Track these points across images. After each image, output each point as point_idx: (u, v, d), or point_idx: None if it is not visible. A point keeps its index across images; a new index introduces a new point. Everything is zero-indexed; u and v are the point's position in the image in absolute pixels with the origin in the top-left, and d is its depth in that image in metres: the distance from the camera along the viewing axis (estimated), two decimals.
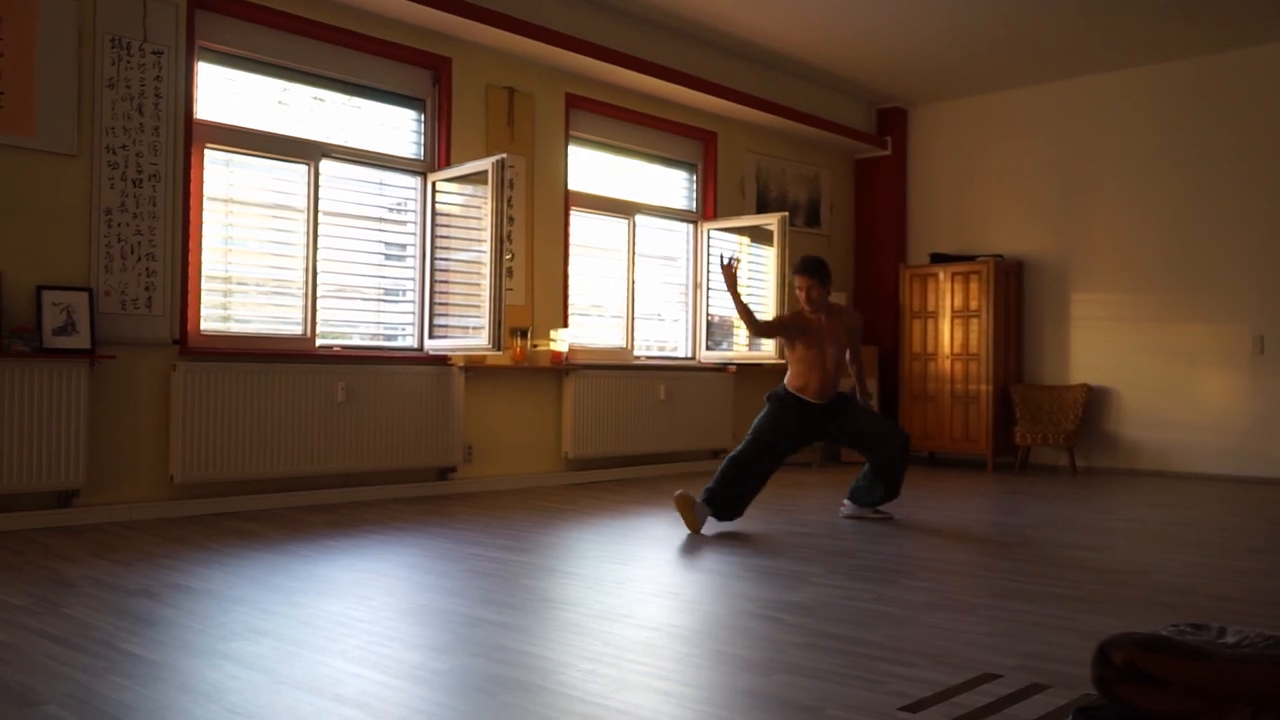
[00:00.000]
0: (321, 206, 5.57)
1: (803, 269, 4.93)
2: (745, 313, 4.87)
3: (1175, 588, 3.57)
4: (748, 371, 7.91)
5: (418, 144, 6.11)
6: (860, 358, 5.18)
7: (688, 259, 7.78)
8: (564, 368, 6.53)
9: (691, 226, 7.79)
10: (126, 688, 2.27)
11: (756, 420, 4.94)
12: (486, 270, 5.60)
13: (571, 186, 6.83)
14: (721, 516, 4.76)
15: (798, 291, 4.96)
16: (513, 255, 6.31)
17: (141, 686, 2.28)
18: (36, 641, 2.65)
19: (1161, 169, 7.71)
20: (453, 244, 5.90)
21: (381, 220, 5.96)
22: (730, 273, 4.79)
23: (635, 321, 7.30)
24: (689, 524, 4.65)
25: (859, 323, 5.11)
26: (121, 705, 2.16)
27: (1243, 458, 7.30)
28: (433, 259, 5.95)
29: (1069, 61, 7.73)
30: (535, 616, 3.03)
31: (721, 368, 7.70)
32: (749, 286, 7.77)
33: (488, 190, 5.61)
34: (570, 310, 6.78)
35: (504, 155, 5.64)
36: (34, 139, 4.52)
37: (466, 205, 5.84)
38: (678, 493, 4.67)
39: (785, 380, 5.01)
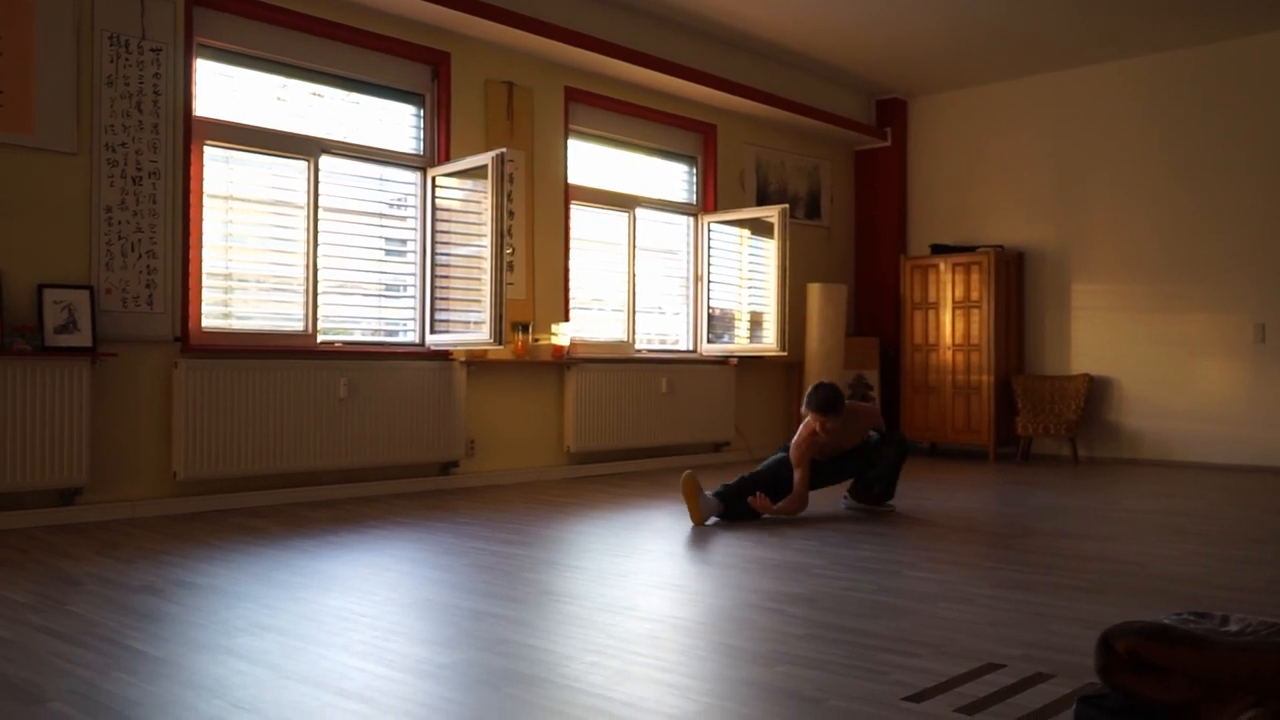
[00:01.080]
0: (321, 202, 5.56)
1: (817, 409, 4.76)
2: (786, 508, 4.80)
3: (1177, 577, 3.58)
4: (749, 364, 7.91)
5: (417, 139, 6.10)
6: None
7: (688, 252, 7.78)
8: (565, 361, 6.53)
9: (692, 219, 7.79)
10: (131, 684, 2.28)
11: (770, 459, 5.00)
12: (487, 265, 5.60)
13: (571, 180, 6.82)
14: (730, 518, 4.77)
15: (820, 430, 4.81)
16: (513, 250, 6.31)
17: (146, 683, 2.29)
18: (41, 639, 2.65)
19: (1160, 159, 7.70)
20: (453, 239, 5.90)
21: (382, 216, 5.96)
22: (762, 505, 4.71)
23: (636, 315, 7.30)
24: (692, 513, 4.64)
25: (878, 422, 5.10)
26: (126, 701, 2.16)
27: (1244, 447, 7.30)
28: (433, 254, 5.95)
29: (1067, 52, 7.71)
30: (539, 610, 3.03)
31: (723, 360, 7.70)
32: (750, 278, 7.77)
33: (488, 185, 5.60)
34: (571, 304, 6.78)
35: (504, 150, 5.64)
36: (33, 137, 4.52)
37: (466, 200, 5.84)
38: (686, 473, 4.68)
39: None
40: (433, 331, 5.94)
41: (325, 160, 5.61)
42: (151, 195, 4.86)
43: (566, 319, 6.66)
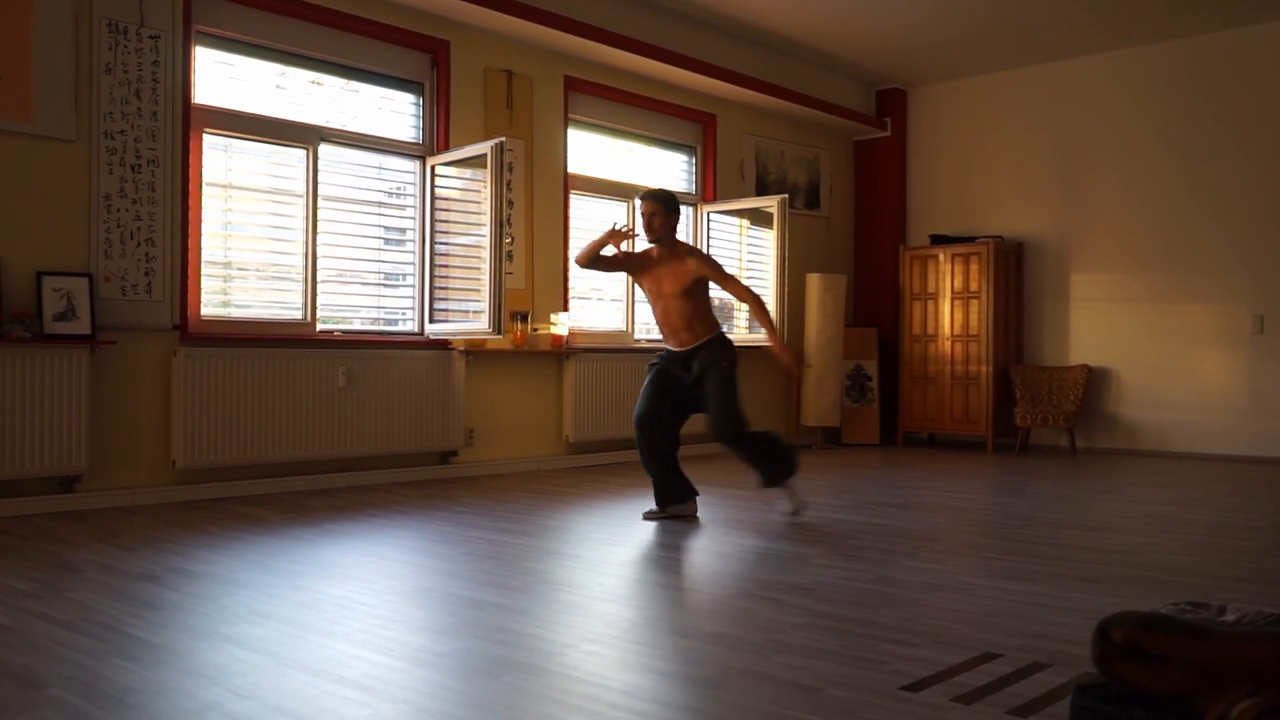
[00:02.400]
0: (320, 191, 5.55)
1: (646, 194, 4.67)
2: (593, 245, 4.57)
3: (1175, 567, 3.58)
4: (747, 354, 7.89)
5: (416, 128, 6.09)
6: (746, 294, 4.77)
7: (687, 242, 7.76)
8: (564, 351, 6.53)
9: (691, 209, 7.77)
10: (130, 670, 2.28)
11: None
12: (486, 254, 5.59)
13: (571, 169, 6.81)
14: (683, 497, 4.59)
15: (640, 217, 4.68)
16: (512, 239, 6.30)
17: (145, 669, 2.29)
18: (40, 625, 2.66)
19: (1159, 149, 7.69)
20: (452, 228, 5.89)
21: (381, 204, 5.95)
22: (616, 237, 4.55)
23: (635, 304, 7.29)
24: (680, 515, 4.60)
25: (701, 256, 4.66)
26: (125, 688, 2.17)
27: (1242, 437, 7.31)
28: (432, 243, 5.94)
29: (1067, 42, 7.69)
30: (537, 599, 3.04)
31: None
32: (749, 268, 7.76)
33: (487, 174, 5.59)
34: (570, 294, 6.77)
35: (503, 138, 5.62)
36: (32, 124, 4.51)
37: (466, 189, 5.83)
38: (643, 516, 4.58)
39: None
40: (432, 321, 5.94)
41: (324, 148, 5.60)
42: (150, 183, 4.85)
43: (565, 308, 6.65)
